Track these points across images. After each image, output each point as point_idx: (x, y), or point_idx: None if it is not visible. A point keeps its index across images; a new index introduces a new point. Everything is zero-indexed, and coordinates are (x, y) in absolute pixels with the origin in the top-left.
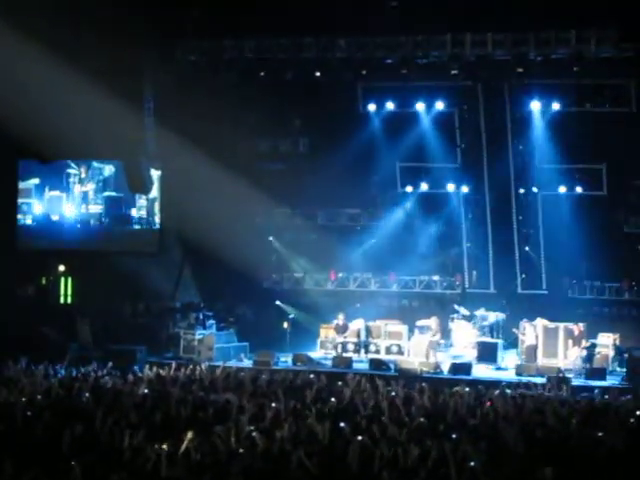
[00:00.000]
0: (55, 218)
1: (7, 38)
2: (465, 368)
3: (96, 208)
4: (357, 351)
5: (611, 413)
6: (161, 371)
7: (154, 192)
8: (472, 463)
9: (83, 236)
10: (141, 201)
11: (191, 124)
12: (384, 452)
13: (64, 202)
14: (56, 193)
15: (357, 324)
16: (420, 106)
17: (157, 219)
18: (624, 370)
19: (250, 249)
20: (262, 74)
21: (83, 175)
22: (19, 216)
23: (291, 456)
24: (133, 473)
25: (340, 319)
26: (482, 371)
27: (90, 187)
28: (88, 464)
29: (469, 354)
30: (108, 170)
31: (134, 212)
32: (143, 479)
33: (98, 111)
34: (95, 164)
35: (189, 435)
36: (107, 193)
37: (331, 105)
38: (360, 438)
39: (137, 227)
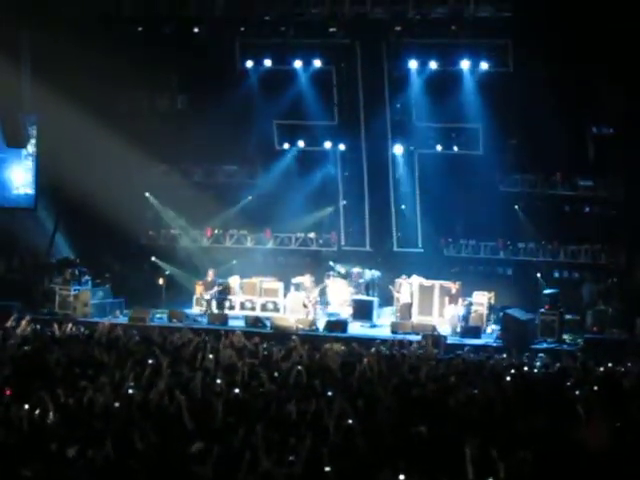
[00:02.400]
0: None
1: None
2: (341, 325)
3: None
4: (229, 307)
5: (485, 371)
6: (36, 327)
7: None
8: (350, 421)
9: None
10: (27, 163)
11: (68, 78)
12: (260, 408)
13: None
14: None
15: (233, 281)
16: (298, 63)
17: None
18: (498, 328)
19: (126, 205)
20: (140, 29)
21: None
22: None
23: (167, 410)
24: (8, 429)
25: (210, 275)
26: (357, 329)
27: None
28: None
29: (345, 312)
30: None
31: (19, 176)
32: (19, 435)
33: None
34: None
35: (62, 391)
36: None
37: (209, 62)
38: (237, 391)
39: (21, 192)
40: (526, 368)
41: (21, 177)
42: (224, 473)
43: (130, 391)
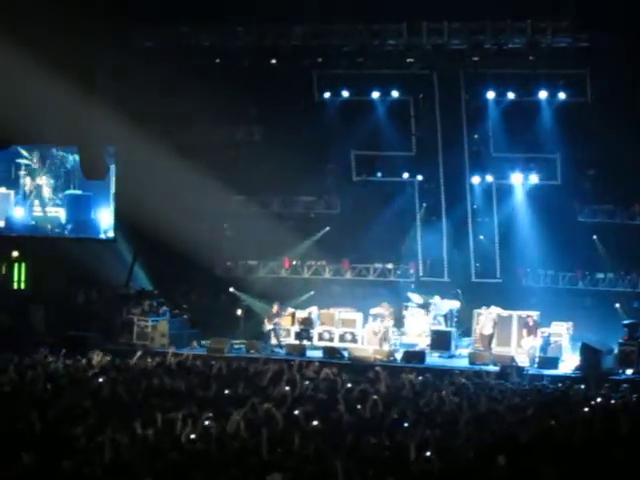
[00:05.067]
0: None
1: None
2: (418, 356)
3: (56, 211)
4: (308, 339)
5: (564, 402)
6: (115, 358)
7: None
8: (428, 453)
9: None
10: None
11: (147, 110)
12: (339, 440)
13: (12, 202)
14: (1, 190)
15: (310, 312)
16: (375, 94)
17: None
18: (577, 359)
19: (204, 236)
20: (218, 61)
21: (36, 166)
22: None
23: (245, 443)
24: (87, 460)
25: (275, 309)
26: (435, 359)
27: (47, 182)
28: (41, 453)
29: (423, 342)
30: (72, 160)
31: (106, 216)
32: (96, 466)
33: (52, 96)
34: (55, 152)
35: (140, 423)
36: (70, 191)
37: (287, 93)
38: (315, 423)
39: (111, 236)
40: (603, 399)
41: (108, 219)
42: None
43: (207, 422)
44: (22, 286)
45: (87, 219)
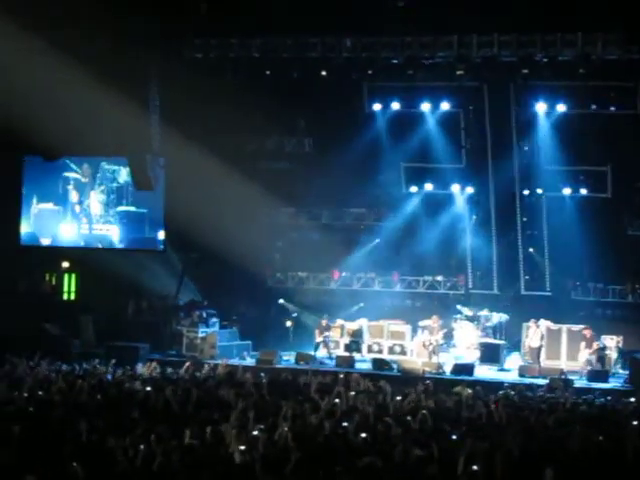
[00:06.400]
0: (45, 242)
1: (12, 37)
2: (468, 369)
3: (107, 229)
4: (358, 350)
5: (613, 416)
6: (164, 369)
7: None
8: (475, 467)
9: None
10: None
11: (197, 122)
12: (387, 452)
13: (60, 219)
14: (48, 206)
15: (360, 324)
16: (425, 106)
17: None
18: (627, 372)
19: (254, 248)
20: (268, 73)
21: (86, 180)
22: None
23: (292, 455)
24: (134, 470)
25: (323, 322)
26: (485, 372)
27: (98, 197)
28: (90, 464)
29: (472, 355)
30: (124, 174)
31: (162, 235)
32: (143, 476)
33: (103, 108)
34: (106, 166)
35: (188, 433)
36: (123, 207)
37: (336, 105)
38: (364, 435)
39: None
40: None
41: (164, 236)
42: None
43: (255, 433)
44: (72, 297)
45: (141, 237)
